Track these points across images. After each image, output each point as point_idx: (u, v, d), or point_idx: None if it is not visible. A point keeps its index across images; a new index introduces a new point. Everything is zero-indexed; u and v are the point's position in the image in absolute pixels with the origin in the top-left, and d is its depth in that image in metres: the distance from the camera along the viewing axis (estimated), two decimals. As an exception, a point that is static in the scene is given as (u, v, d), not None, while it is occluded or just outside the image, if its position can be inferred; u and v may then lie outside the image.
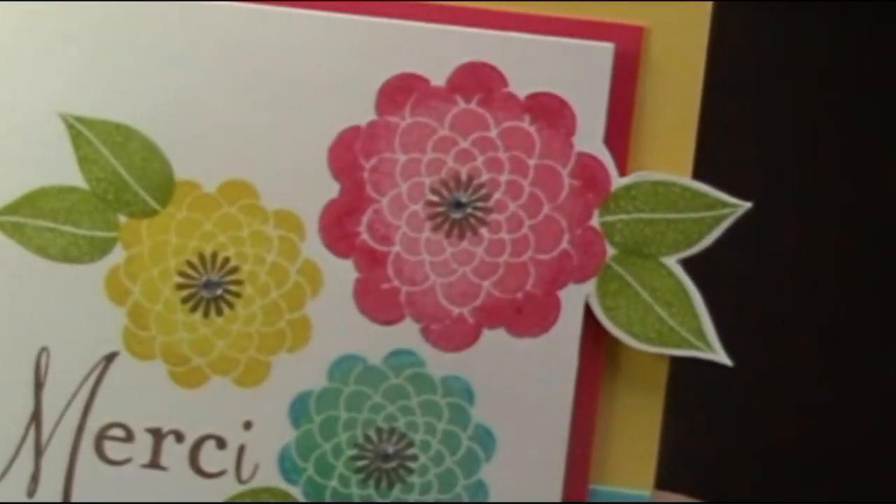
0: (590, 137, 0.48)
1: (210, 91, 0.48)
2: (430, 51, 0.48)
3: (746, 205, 0.48)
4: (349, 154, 0.48)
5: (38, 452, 0.49)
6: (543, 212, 0.48)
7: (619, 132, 0.48)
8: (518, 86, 0.48)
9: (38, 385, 0.49)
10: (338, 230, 0.49)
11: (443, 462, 0.49)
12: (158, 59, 0.48)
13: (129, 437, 0.49)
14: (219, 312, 0.49)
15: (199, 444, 0.49)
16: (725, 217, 0.48)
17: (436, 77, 0.48)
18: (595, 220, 0.48)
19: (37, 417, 0.49)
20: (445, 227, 0.48)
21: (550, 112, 0.48)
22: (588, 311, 0.49)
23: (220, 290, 0.49)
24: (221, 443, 0.49)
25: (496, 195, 0.48)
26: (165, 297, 0.49)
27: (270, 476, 0.49)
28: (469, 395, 0.49)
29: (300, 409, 0.49)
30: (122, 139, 0.48)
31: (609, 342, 0.49)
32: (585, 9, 0.48)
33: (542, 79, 0.48)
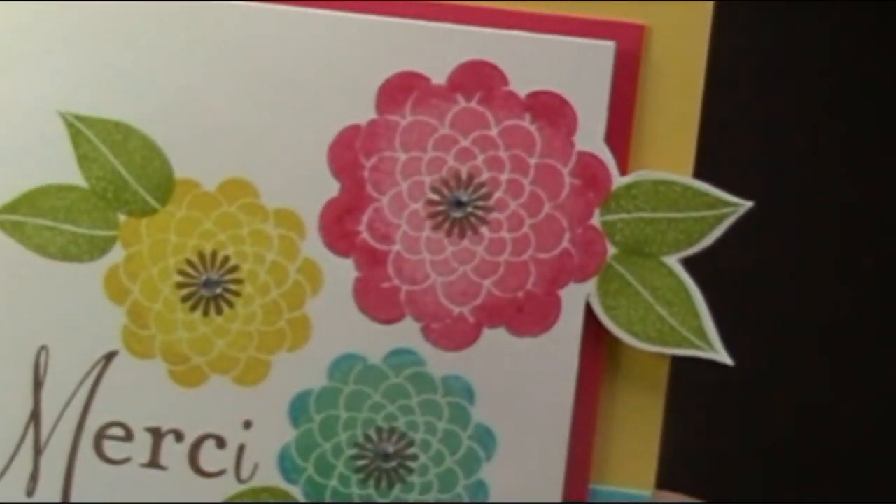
0: (591, 136, 0.48)
1: (210, 89, 0.48)
2: (431, 49, 0.48)
3: (747, 204, 0.48)
4: (349, 153, 0.48)
5: (38, 451, 0.49)
6: (544, 211, 0.48)
7: (620, 131, 0.48)
8: (519, 84, 0.48)
9: (38, 384, 0.49)
10: (338, 229, 0.48)
11: (443, 462, 0.49)
12: (158, 58, 0.48)
13: (129, 437, 0.49)
14: (218, 311, 0.49)
15: (199, 444, 0.49)
16: (726, 216, 0.48)
17: (436, 75, 0.48)
18: (596, 219, 0.48)
19: (36, 416, 0.49)
20: (446, 226, 0.48)
21: (551, 111, 0.48)
22: (589, 311, 0.48)
23: (220, 289, 0.49)
24: (221, 442, 0.49)
25: (497, 194, 0.48)
26: (165, 296, 0.49)
27: (270, 475, 0.49)
28: (469, 395, 0.49)
29: (300, 409, 0.49)
30: (122, 137, 0.48)
31: (610, 341, 0.49)
32: (586, 7, 0.48)
33: (543, 77, 0.48)
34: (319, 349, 0.49)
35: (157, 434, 0.49)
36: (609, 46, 0.48)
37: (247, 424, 0.49)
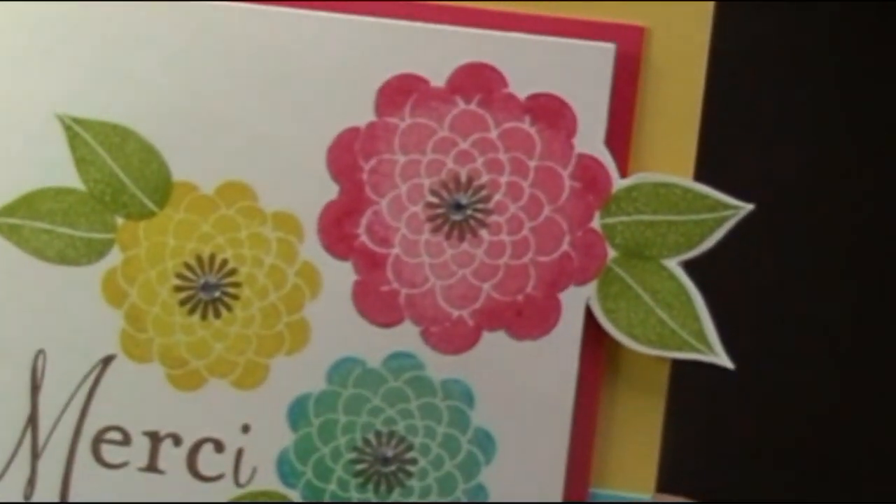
0: (590, 138, 0.48)
1: (208, 92, 0.48)
2: (430, 51, 0.48)
3: (748, 206, 0.48)
4: (348, 155, 0.48)
5: (35, 456, 0.49)
6: (544, 213, 0.48)
7: (620, 133, 0.48)
8: (518, 86, 0.48)
9: (35, 388, 0.49)
10: (337, 232, 0.48)
11: (442, 466, 0.49)
12: (156, 60, 0.48)
13: (127, 441, 0.49)
14: (217, 315, 0.49)
15: (197, 448, 0.49)
16: (727, 219, 0.48)
17: (435, 78, 0.48)
18: (596, 222, 0.48)
19: (33, 420, 0.49)
20: (445, 229, 0.48)
21: (551, 113, 0.48)
22: (589, 314, 0.48)
23: (218, 293, 0.48)
24: (219, 446, 0.49)
25: (496, 197, 0.48)
26: (163, 300, 0.48)
27: (269, 480, 0.49)
28: (469, 398, 0.49)
29: (299, 413, 0.49)
30: (120, 140, 0.48)
31: (610, 345, 0.49)
32: (586, 9, 0.48)
33: (543, 79, 0.48)
34: (318, 353, 0.49)
35: (156, 438, 0.49)
36: (609, 48, 0.48)
37: (245, 428, 0.49)
